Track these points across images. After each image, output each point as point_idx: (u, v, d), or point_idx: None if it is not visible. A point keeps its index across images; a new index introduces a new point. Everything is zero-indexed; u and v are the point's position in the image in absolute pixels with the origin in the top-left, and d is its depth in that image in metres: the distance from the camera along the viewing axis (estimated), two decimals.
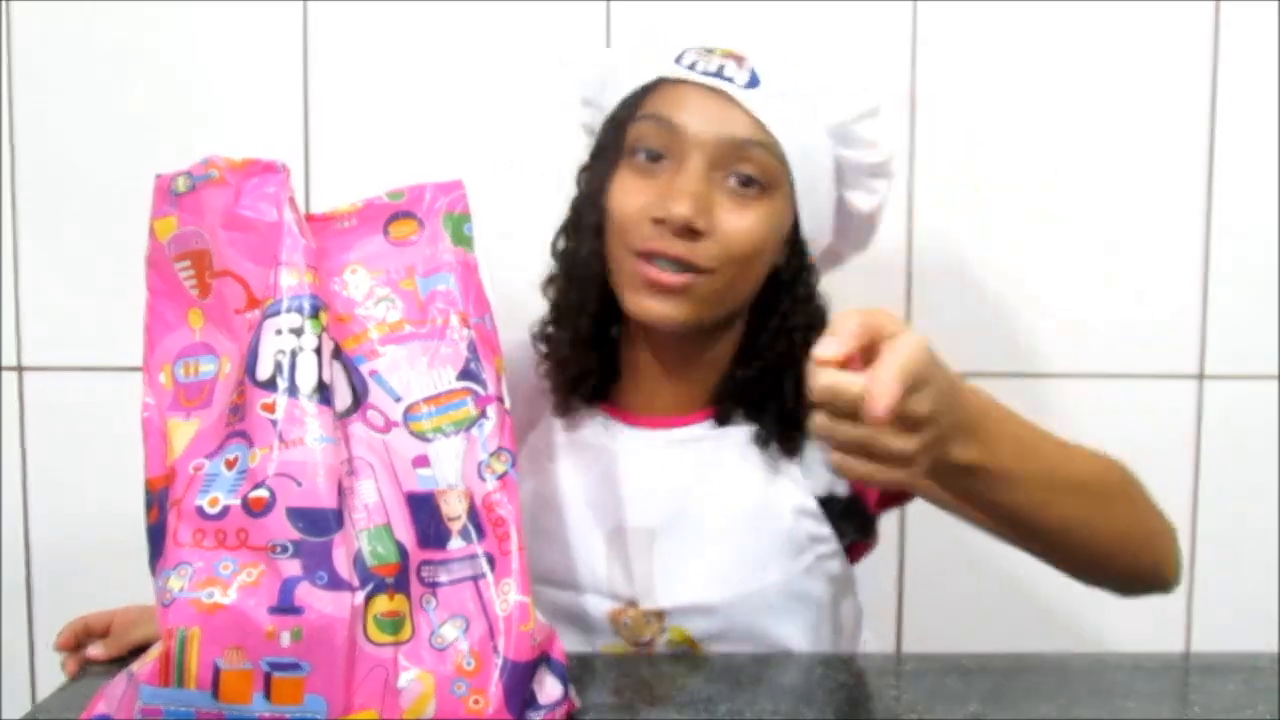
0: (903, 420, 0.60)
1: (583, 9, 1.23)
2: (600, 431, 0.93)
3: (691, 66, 0.85)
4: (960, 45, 1.24)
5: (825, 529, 0.91)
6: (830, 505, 0.91)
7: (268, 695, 0.64)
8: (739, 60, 0.85)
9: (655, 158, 0.84)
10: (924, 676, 0.79)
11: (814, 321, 0.90)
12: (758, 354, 0.89)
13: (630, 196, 0.84)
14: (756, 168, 0.83)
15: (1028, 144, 1.25)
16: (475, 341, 0.74)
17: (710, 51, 0.85)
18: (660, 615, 0.87)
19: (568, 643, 0.89)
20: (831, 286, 0.99)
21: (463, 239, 0.76)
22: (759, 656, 0.85)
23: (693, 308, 0.84)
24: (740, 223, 0.83)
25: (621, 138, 0.87)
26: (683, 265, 0.83)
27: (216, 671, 0.63)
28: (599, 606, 0.89)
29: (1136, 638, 1.27)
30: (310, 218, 0.74)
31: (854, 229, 0.93)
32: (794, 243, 0.88)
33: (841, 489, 0.91)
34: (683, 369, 0.91)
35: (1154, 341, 1.27)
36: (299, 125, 1.25)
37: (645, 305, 0.84)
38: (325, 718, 0.64)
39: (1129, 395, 1.27)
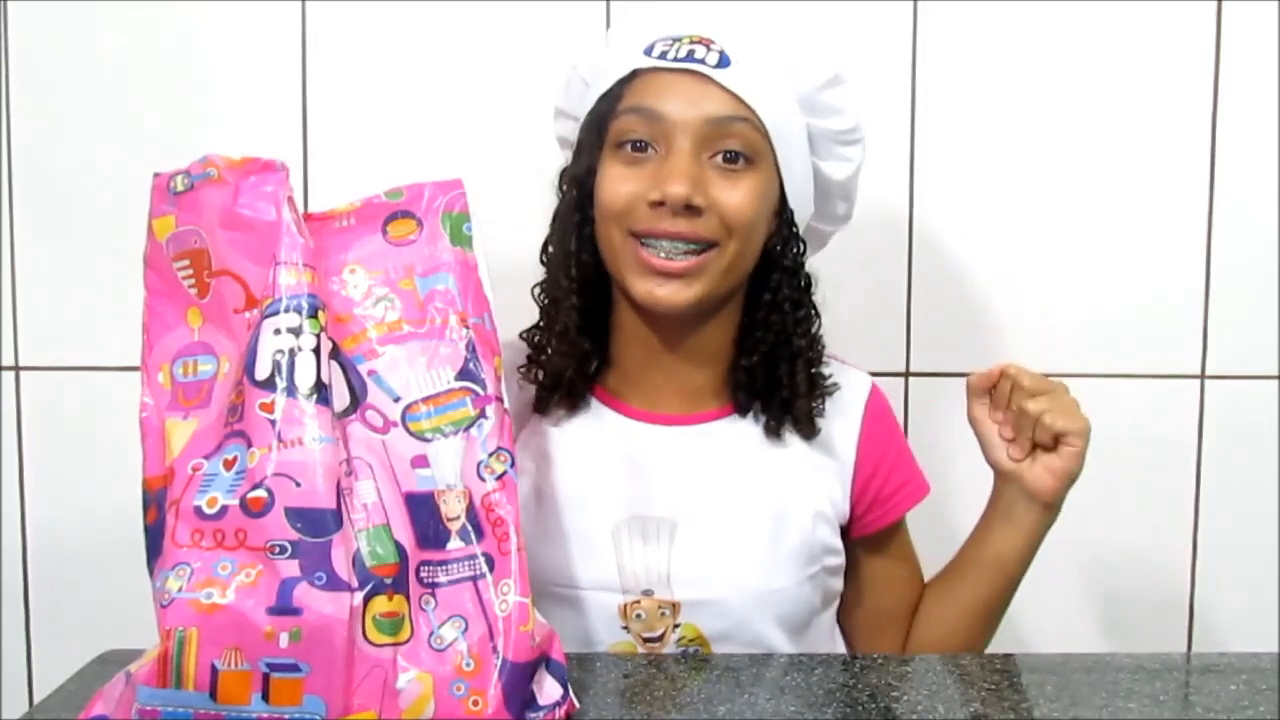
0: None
1: (583, 9, 1.23)
2: (604, 423, 0.92)
3: (663, 56, 0.86)
4: (960, 45, 1.24)
5: (838, 541, 0.93)
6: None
7: (266, 696, 0.63)
8: (707, 44, 0.86)
9: (641, 147, 0.86)
10: (924, 676, 0.79)
11: (802, 297, 0.92)
12: (758, 337, 0.90)
13: (622, 184, 0.86)
14: (740, 142, 0.85)
15: (1028, 144, 1.25)
16: (474, 341, 0.74)
17: (678, 39, 0.87)
18: (675, 607, 0.88)
19: (571, 645, 0.89)
20: (834, 287, 0.98)
21: (462, 238, 0.76)
22: (759, 656, 0.85)
23: (699, 288, 0.85)
24: (734, 196, 0.85)
25: (604, 133, 0.88)
26: (687, 245, 0.84)
27: (214, 672, 0.63)
28: (608, 602, 0.88)
29: (1137, 638, 1.27)
30: (309, 217, 0.73)
31: (830, 200, 0.95)
32: (781, 214, 0.90)
33: (841, 504, 0.93)
34: (683, 358, 0.91)
35: (1155, 341, 1.27)
36: (297, 124, 1.25)
37: (651, 290, 0.85)
38: (324, 719, 0.64)
39: (1130, 395, 1.27)
